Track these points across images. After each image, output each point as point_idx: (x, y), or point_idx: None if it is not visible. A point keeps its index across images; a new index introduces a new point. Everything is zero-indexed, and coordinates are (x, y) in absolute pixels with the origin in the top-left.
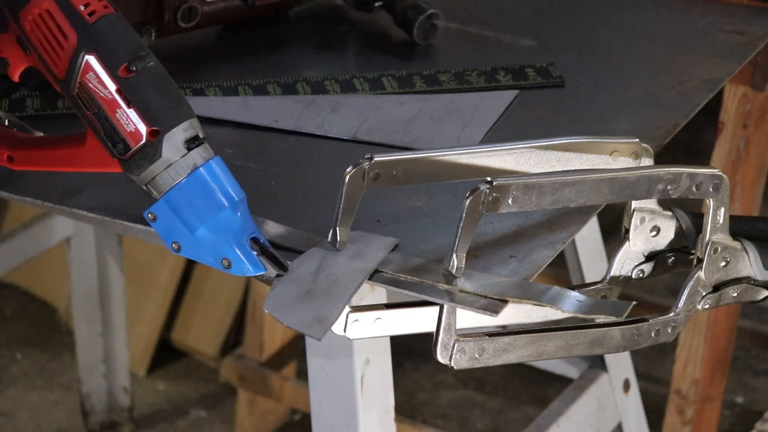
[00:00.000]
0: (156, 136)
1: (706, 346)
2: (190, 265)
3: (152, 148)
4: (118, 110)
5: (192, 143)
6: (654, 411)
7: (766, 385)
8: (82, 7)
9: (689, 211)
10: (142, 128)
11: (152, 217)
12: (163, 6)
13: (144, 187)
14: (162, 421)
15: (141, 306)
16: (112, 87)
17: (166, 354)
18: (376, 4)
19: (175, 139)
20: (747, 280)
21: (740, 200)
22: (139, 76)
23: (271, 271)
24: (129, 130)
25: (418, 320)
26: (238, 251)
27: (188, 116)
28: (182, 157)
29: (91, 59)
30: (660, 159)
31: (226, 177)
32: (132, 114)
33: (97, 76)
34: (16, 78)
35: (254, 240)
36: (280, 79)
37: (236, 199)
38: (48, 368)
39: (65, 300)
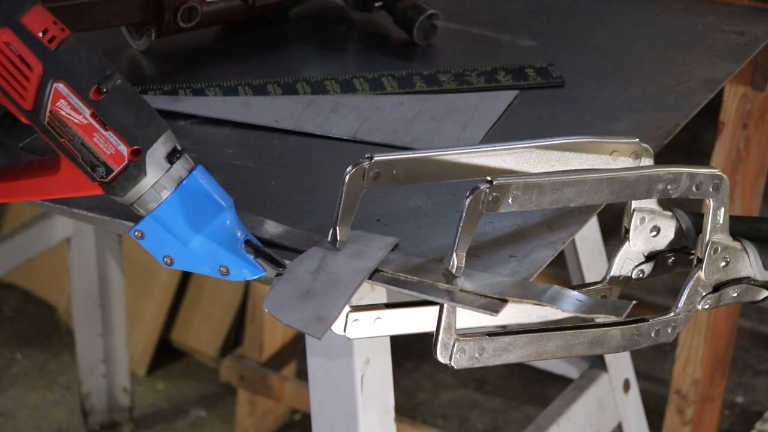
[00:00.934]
0: (138, 155)
1: (706, 346)
2: None
3: (136, 168)
4: (95, 134)
5: (173, 156)
6: (654, 411)
7: (766, 385)
8: (40, 35)
9: (689, 211)
10: (123, 149)
11: (139, 235)
12: (163, 6)
13: (130, 207)
14: (162, 421)
15: (141, 306)
16: (86, 112)
17: (166, 354)
18: (376, 5)
19: (156, 154)
20: (747, 280)
21: (740, 200)
22: (111, 96)
23: (271, 272)
24: (109, 153)
25: (418, 320)
26: (234, 256)
27: (163, 129)
28: (166, 171)
29: (60, 86)
30: (660, 159)
31: (212, 185)
32: (110, 136)
33: (69, 103)
34: None
35: (248, 243)
36: (280, 79)
37: (225, 205)
38: (48, 368)
39: (65, 300)
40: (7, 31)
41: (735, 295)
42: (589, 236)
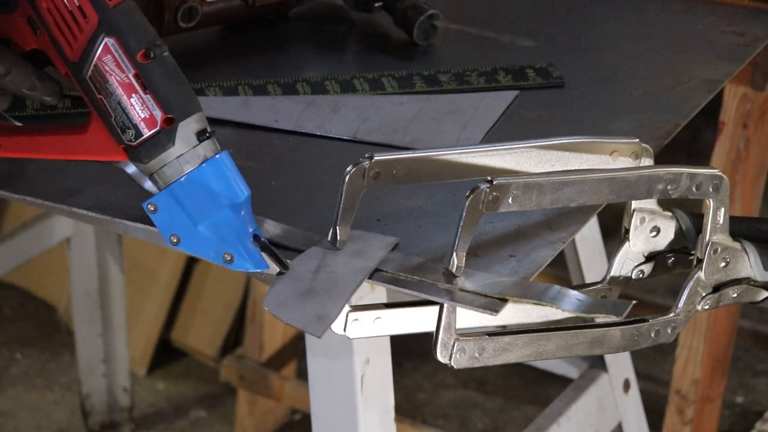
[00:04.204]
0: (170, 123)
1: (706, 346)
2: (190, 265)
3: (166, 136)
4: (134, 95)
5: (202, 135)
6: (654, 411)
7: (766, 385)
8: None
9: (689, 211)
10: (158, 114)
11: (153, 209)
12: (163, 6)
13: (149, 177)
14: (162, 421)
15: (141, 306)
16: (130, 71)
17: (166, 354)
18: (376, 5)
19: (188, 128)
20: (747, 280)
21: (740, 200)
22: (156, 62)
23: (273, 269)
24: (143, 116)
25: (418, 319)
26: (240, 246)
27: (199, 108)
28: (193, 147)
29: (111, 42)
30: (660, 159)
31: (233, 172)
32: (148, 100)
33: (116, 60)
34: None
35: (256, 237)
36: (280, 79)
37: (241, 194)
38: (48, 368)
39: (65, 300)
40: None
41: (735, 295)
42: (589, 236)
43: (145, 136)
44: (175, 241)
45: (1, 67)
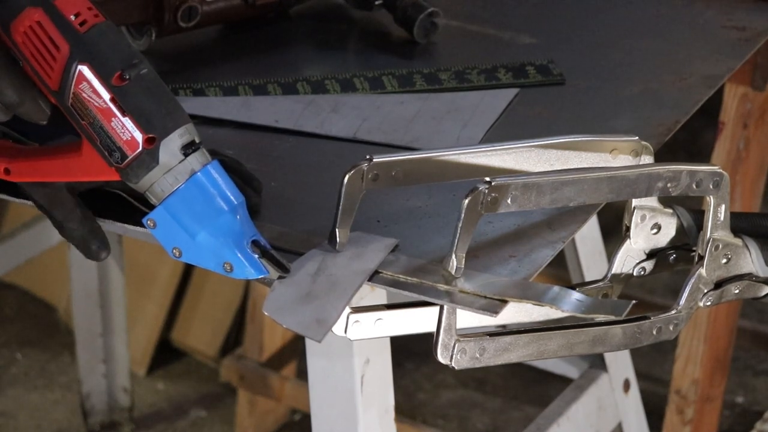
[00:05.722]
0: (152, 143)
1: (706, 346)
2: (190, 265)
3: (149, 156)
4: (113, 119)
5: (189, 149)
6: (654, 411)
7: (766, 385)
8: (72, 17)
9: (690, 208)
10: (138, 136)
11: (152, 224)
12: (163, 6)
13: (144, 195)
14: (162, 421)
15: (141, 306)
16: (105, 96)
17: (166, 354)
18: (377, 3)
19: (171, 145)
20: (749, 276)
21: (740, 200)
22: (133, 83)
23: (274, 274)
24: (125, 139)
25: (419, 320)
26: (239, 255)
27: (184, 122)
28: (179, 162)
29: (84, 69)
30: (660, 158)
31: (224, 181)
32: (127, 122)
33: (91, 86)
34: None
35: (255, 243)
36: (280, 78)
37: (235, 202)
38: (48, 368)
39: (65, 300)
40: (39, 11)
41: (737, 291)
42: (589, 236)
43: (130, 157)
44: (177, 254)
45: (16, 97)
